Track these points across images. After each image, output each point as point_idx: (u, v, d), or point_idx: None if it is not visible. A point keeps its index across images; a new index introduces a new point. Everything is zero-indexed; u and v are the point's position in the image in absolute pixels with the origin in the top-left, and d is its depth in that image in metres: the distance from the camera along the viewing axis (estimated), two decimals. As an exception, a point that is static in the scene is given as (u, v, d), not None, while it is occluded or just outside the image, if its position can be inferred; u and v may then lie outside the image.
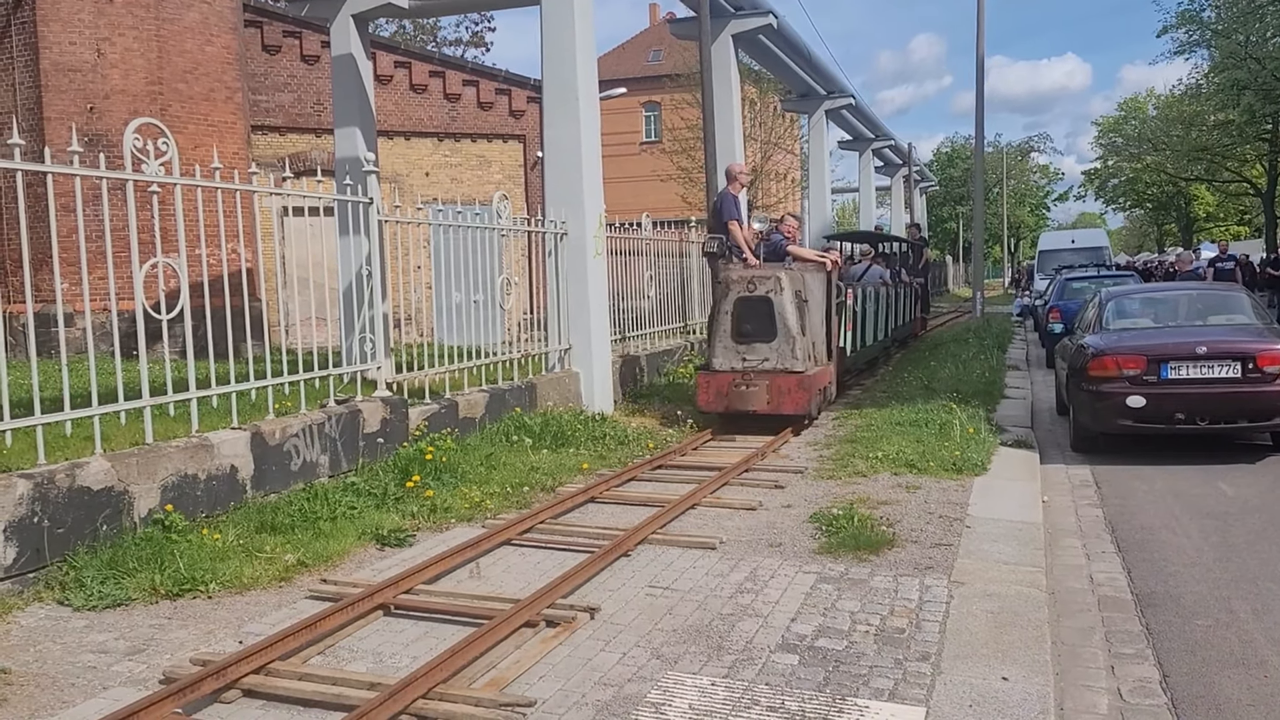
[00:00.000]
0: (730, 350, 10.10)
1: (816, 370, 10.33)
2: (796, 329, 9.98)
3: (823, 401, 10.80)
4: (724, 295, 10.22)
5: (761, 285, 10.09)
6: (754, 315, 10.03)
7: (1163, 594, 5.48)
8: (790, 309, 9.98)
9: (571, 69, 11.74)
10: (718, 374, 10.11)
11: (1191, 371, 8.75)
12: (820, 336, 10.73)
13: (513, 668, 4.22)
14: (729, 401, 9.95)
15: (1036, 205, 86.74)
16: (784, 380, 9.88)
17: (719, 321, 10.19)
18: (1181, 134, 44.95)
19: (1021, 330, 25.78)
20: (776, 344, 9.95)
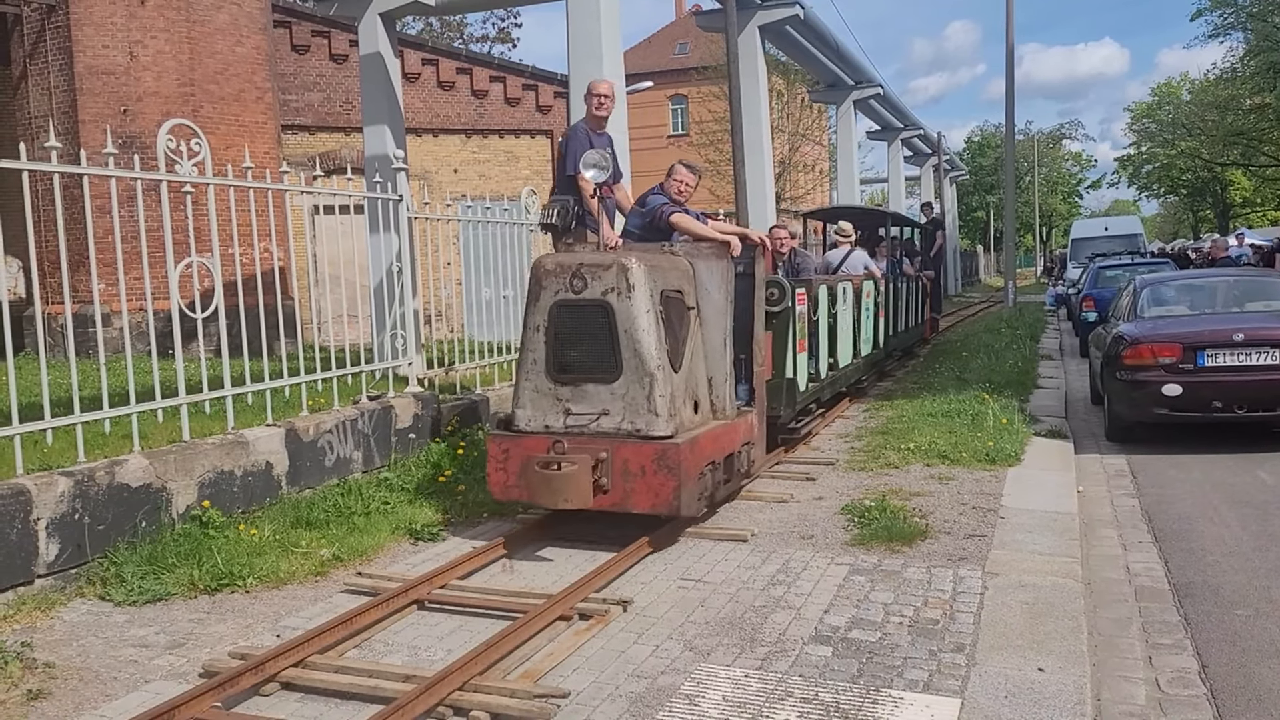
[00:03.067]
0: (544, 396, 5.96)
1: (705, 431, 6.00)
2: (657, 360, 5.70)
3: (725, 481, 6.31)
4: (534, 299, 5.96)
5: (595, 281, 5.78)
6: (582, 334, 5.86)
7: (1201, 584, 5.42)
8: (646, 324, 5.72)
9: (598, 63, 11.75)
10: (521, 437, 5.94)
11: (1229, 359, 8.63)
12: (722, 368, 6.50)
13: (546, 660, 4.25)
14: (531, 489, 5.72)
15: (1069, 193, 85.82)
16: (632, 452, 5.64)
17: (526, 345, 6.03)
18: (1217, 118, 44.34)
19: (1054, 319, 25.53)
20: (622, 386, 5.75)
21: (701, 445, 5.89)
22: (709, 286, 6.49)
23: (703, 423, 6.20)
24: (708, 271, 6.50)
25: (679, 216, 6.94)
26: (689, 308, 6.23)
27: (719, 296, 6.50)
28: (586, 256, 5.99)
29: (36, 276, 5.69)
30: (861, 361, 11.38)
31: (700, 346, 6.35)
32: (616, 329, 5.74)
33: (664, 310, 5.87)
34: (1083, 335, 16.64)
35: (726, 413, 6.49)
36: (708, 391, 6.40)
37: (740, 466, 6.60)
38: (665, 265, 6.14)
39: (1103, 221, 35.47)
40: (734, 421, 6.50)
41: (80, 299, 13.01)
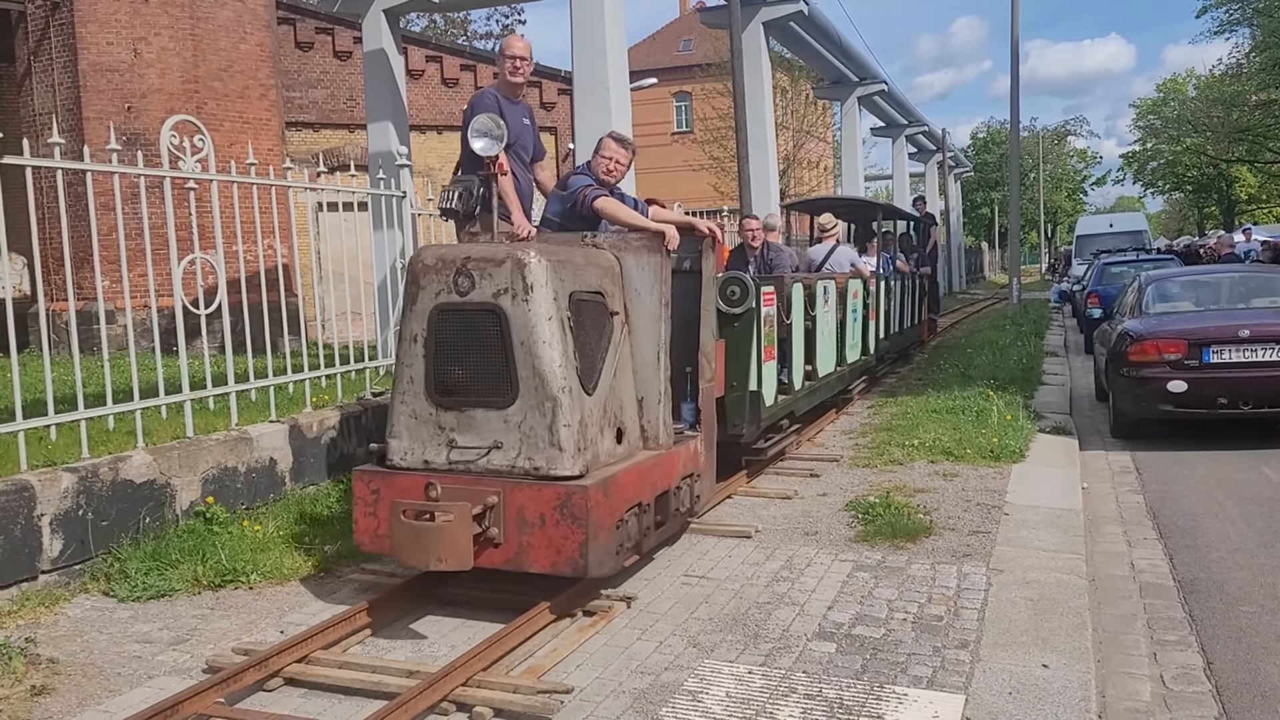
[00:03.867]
0: (423, 423, 4.85)
1: (629, 466, 4.92)
2: (563, 379, 4.61)
3: (659, 524, 5.22)
4: (411, 302, 4.89)
5: (484, 280, 4.70)
6: (469, 347, 4.77)
7: (1206, 580, 5.41)
8: (549, 334, 4.61)
9: (602, 60, 11.75)
10: (394, 475, 4.84)
11: (1234, 355, 8.61)
12: (655, 386, 5.31)
13: (550, 656, 4.25)
14: (397, 543, 4.52)
15: (1073, 190, 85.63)
16: (529, 496, 4.55)
17: (402, 359, 4.92)
18: (1222, 115, 44.21)
19: (1059, 316, 25.50)
20: (518, 412, 4.66)
21: (621, 485, 4.73)
22: (640, 287, 5.28)
23: (628, 455, 5.04)
24: (638, 268, 5.28)
25: (605, 201, 5.64)
26: (612, 313, 5.03)
27: (652, 299, 5.26)
28: (474, 249, 4.82)
29: (40, 273, 5.70)
30: (847, 369, 10.20)
31: (627, 360, 5.16)
32: (510, 340, 4.60)
33: (574, 316, 4.72)
34: (1087, 332, 16.61)
35: (661, 440, 5.27)
36: (636, 415, 5.20)
37: (680, 504, 5.41)
38: (579, 260, 4.97)
39: (1108, 218, 35.38)
40: (671, 451, 5.31)
41: (84, 296, 13.02)
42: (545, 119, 25.01)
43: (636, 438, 5.22)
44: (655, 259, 5.33)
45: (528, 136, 6.29)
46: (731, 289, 6.89)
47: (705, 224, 5.87)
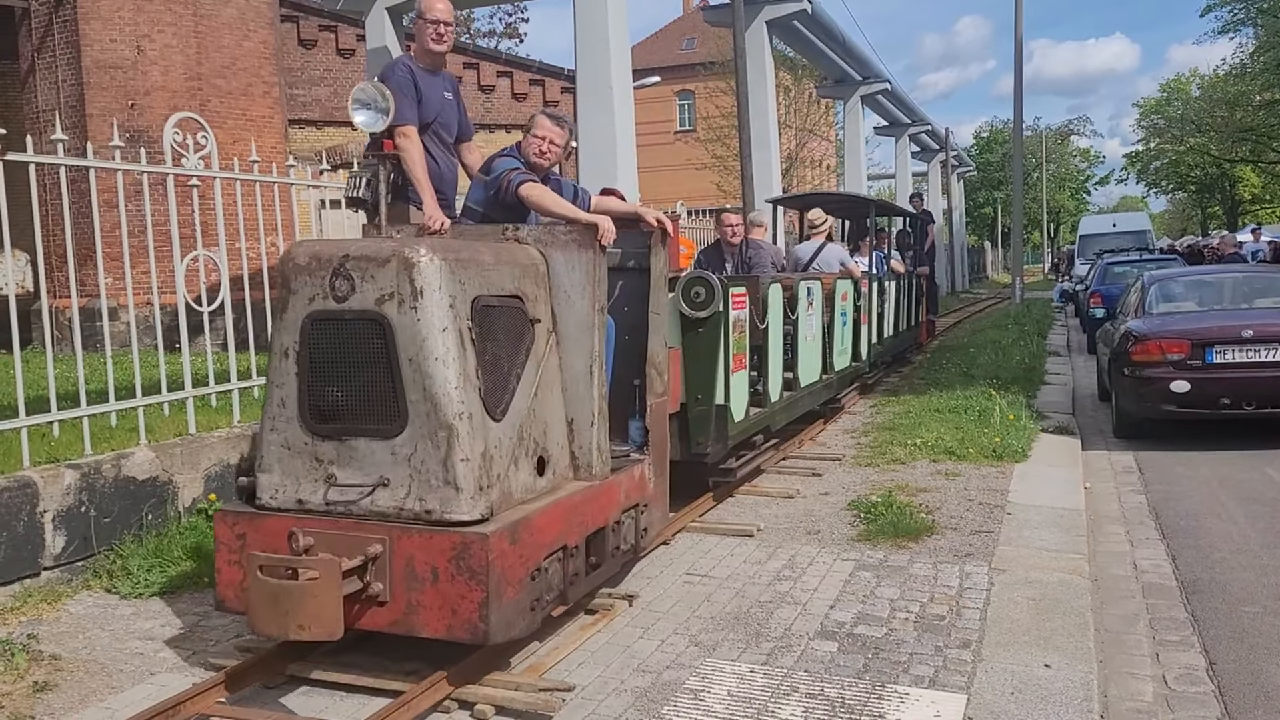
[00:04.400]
0: (298, 455, 4.10)
1: (549, 504, 4.19)
2: (460, 403, 3.86)
3: (593, 567, 4.55)
4: (281, 308, 4.15)
5: (365, 283, 3.97)
6: (348, 364, 4.03)
7: (1208, 581, 5.40)
8: (443, 348, 3.87)
9: (605, 59, 11.75)
10: (261, 517, 4.08)
11: (1237, 355, 8.60)
12: (588, 405, 4.54)
13: (551, 654, 4.25)
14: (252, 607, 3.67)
15: (1077, 189, 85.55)
16: (419, 545, 3.82)
17: (272, 378, 4.18)
18: (1226, 114, 44.15)
19: (1062, 316, 25.48)
20: (407, 443, 3.92)
21: (538, 528, 4.00)
22: (569, 289, 4.48)
23: (552, 489, 4.29)
24: (568, 267, 4.49)
25: (531, 188, 4.83)
26: (532, 320, 4.29)
27: (583, 303, 4.46)
28: (355, 245, 4.04)
29: (43, 270, 5.70)
30: (834, 377, 9.40)
31: (554, 376, 4.40)
32: (397, 356, 3.83)
33: (479, 326, 3.96)
34: (1090, 332, 16.60)
35: (595, 469, 4.49)
36: (566, 440, 4.44)
37: (621, 542, 4.69)
38: (487, 259, 4.15)
39: (1111, 218, 35.37)
40: (609, 480, 4.55)
41: (86, 293, 13.03)
42: (548, 117, 24.96)
43: (565, 467, 4.43)
44: (587, 256, 4.50)
45: (451, 113, 5.44)
46: (696, 290, 6.11)
47: (654, 214, 5.08)
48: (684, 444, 6.10)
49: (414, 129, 5.07)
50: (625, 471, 4.79)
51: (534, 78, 24.80)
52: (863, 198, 15.24)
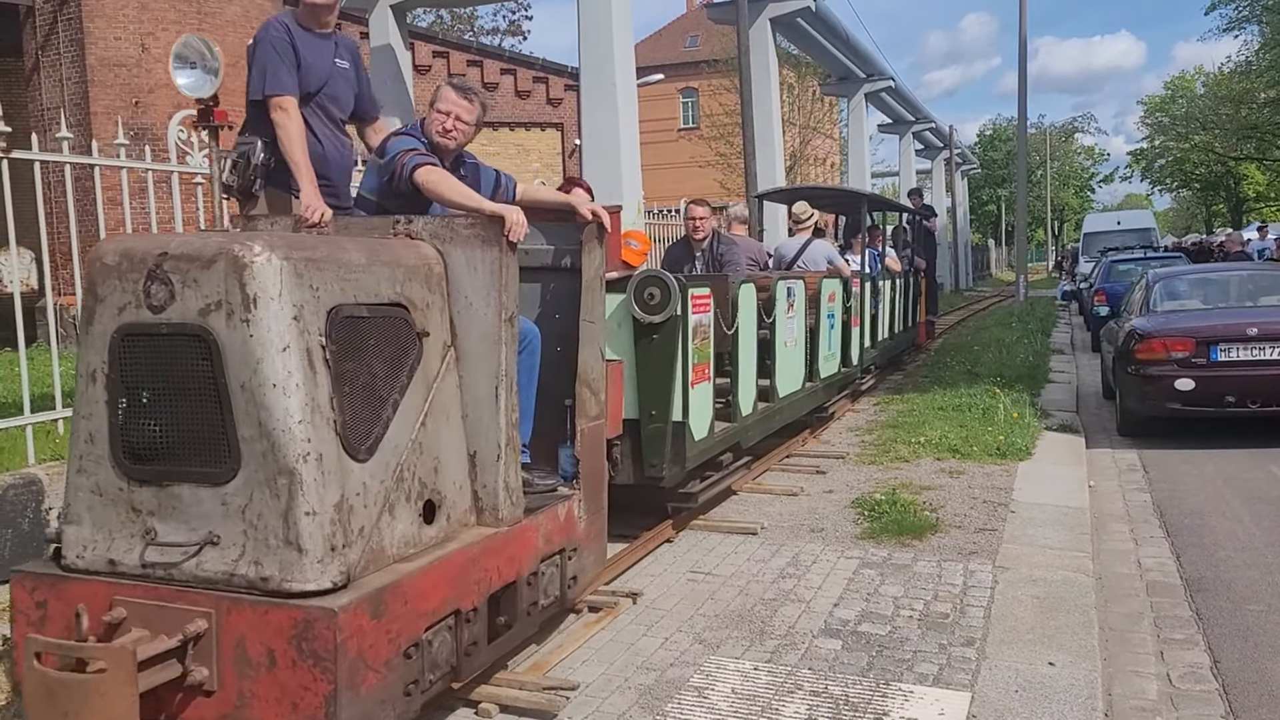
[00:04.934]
0: (110, 503, 3.21)
1: (433, 562, 3.34)
2: (305, 441, 2.99)
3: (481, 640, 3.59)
4: (87, 320, 3.25)
5: (186, 289, 3.08)
6: (167, 390, 3.15)
7: (1213, 579, 5.39)
8: (283, 372, 3.00)
9: (609, 56, 11.74)
10: (66, 581, 3.21)
11: (1242, 354, 8.59)
12: (493, 434, 3.75)
13: (555, 652, 4.25)
14: (29, 701, 2.86)
15: (1081, 187, 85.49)
16: (252, 621, 2.97)
17: (79, 408, 3.28)
18: (1231, 112, 44.05)
19: (1066, 314, 25.45)
20: (240, 491, 3.05)
21: (413, 595, 3.19)
22: (471, 294, 3.71)
23: (443, 539, 3.49)
24: (469, 268, 3.72)
25: (427, 172, 4.05)
26: (419, 333, 3.50)
27: (488, 312, 3.69)
28: (175, 242, 3.21)
29: (48, 268, 5.70)
30: (820, 385, 8.67)
31: (451, 400, 3.63)
32: (226, 381, 3.03)
33: (337, 342, 3.14)
34: (1094, 330, 16.58)
35: (502, 512, 3.70)
36: (467, 478, 3.67)
37: (540, 596, 3.96)
38: (357, 258, 3.33)
39: (1115, 216, 35.29)
40: (522, 525, 3.79)
41: (92, 291, 13.03)
42: (552, 115, 25.04)
43: (465, 511, 3.65)
44: (492, 254, 3.69)
45: (344, 85, 4.66)
46: (649, 291, 5.37)
47: (589, 205, 4.34)
48: (637, 466, 5.47)
49: (292, 100, 4.32)
50: (547, 511, 4.03)
51: (537, 75, 24.83)
52: (856, 192, 14.48)
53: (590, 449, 4.37)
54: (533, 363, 4.21)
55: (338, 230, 3.99)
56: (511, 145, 24.55)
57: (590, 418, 4.34)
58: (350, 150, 4.78)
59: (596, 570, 4.62)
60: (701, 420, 5.87)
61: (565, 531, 4.17)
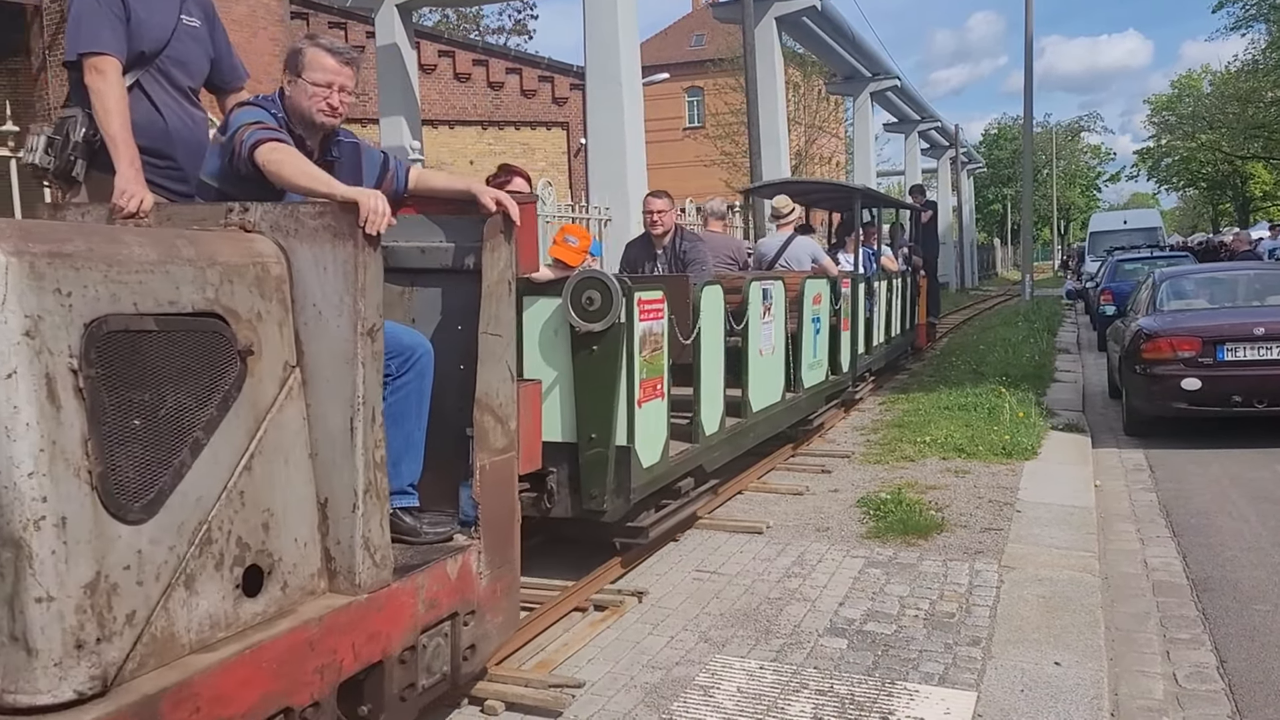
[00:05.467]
0: None
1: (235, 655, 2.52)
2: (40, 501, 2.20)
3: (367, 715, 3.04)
4: None
5: None
6: None
7: (1219, 579, 5.39)
8: (11, 408, 2.19)
9: (614, 55, 11.74)
10: None
11: (1249, 353, 8.57)
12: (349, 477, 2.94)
13: (561, 651, 4.26)
14: None
15: (1087, 186, 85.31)
16: None
17: None
18: (1238, 111, 43.96)
19: (1072, 313, 25.40)
20: None
21: (208, 697, 2.46)
22: (321, 301, 2.96)
23: (272, 616, 2.75)
24: (316, 268, 2.97)
25: (270, 150, 3.22)
26: (243, 351, 2.75)
27: (341, 324, 2.95)
28: None
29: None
30: (804, 396, 8.00)
31: (289, 436, 2.87)
32: None
33: (100, 366, 2.39)
34: (1100, 329, 16.56)
35: (361, 575, 2.94)
36: (314, 534, 2.91)
37: (419, 677, 3.22)
38: (143, 254, 2.57)
39: (1121, 215, 35.23)
40: (391, 590, 3.04)
41: (99, 289, 13.07)
42: (558, 114, 25.04)
43: (310, 576, 2.88)
44: (345, 251, 2.93)
45: (191, 45, 3.88)
46: (588, 295, 4.70)
47: (492, 193, 3.58)
48: (575, 497, 4.85)
49: (112, 62, 3.57)
50: (431, 569, 3.24)
51: (543, 74, 24.84)
52: (848, 186, 13.43)
53: (495, 488, 3.54)
54: (422, 385, 3.48)
55: (159, 221, 3.24)
56: (517, 144, 24.57)
57: (495, 450, 3.51)
58: (204, 125, 3.96)
59: (506, 634, 3.78)
60: (652, 444, 5.16)
61: (458, 592, 3.37)
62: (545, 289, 4.77)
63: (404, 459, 3.47)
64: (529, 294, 4.77)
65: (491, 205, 3.55)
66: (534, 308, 4.83)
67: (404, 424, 3.44)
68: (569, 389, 4.81)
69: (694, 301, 5.76)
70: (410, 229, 3.73)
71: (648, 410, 5.07)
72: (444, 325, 3.77)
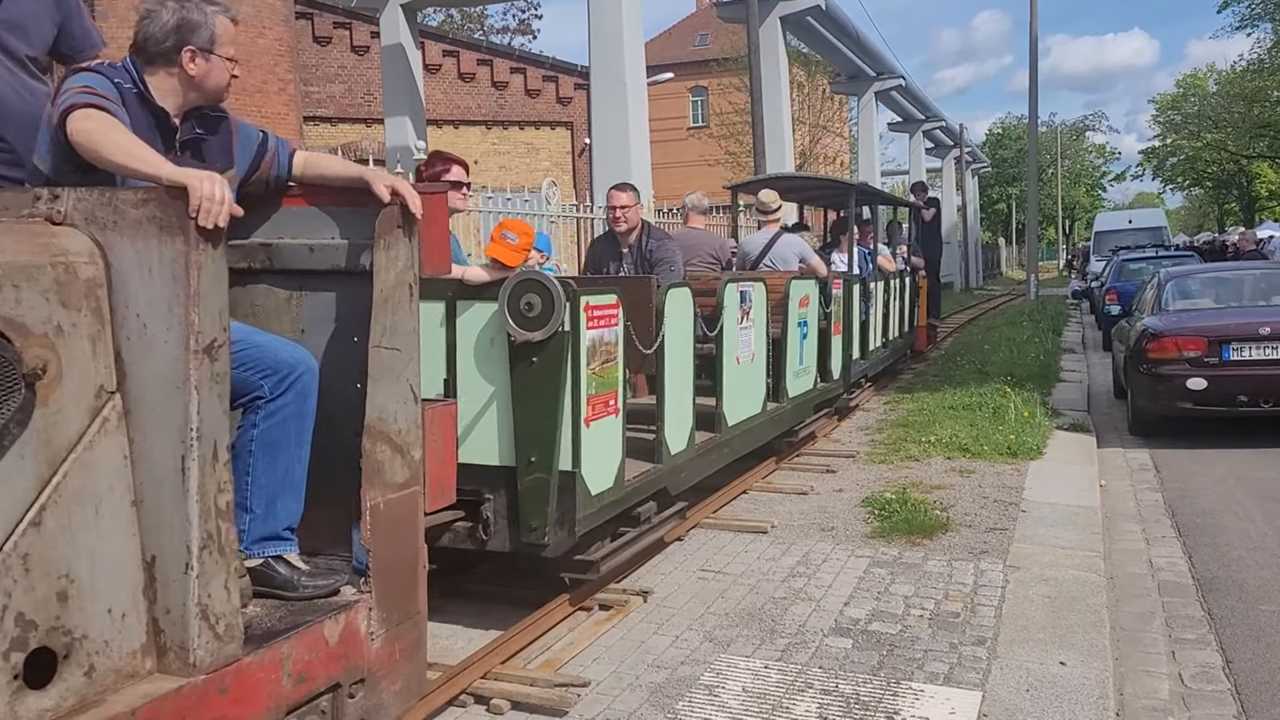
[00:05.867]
0: None
1: None
2: None
3: None
4: None
5: None
6: None
7: (1225, 579, 5.38)
8: None
9: (619, 55, 11.75)
10: None
11: (1255, 353, 8.56)
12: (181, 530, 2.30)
13: (566, 649, 4.26)
14: None
15: (1092, 186, 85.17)
16: None
17: None
18: (1243, 110, 43.86)
19: (1076, 313, 25.37)
20: None
21: None
22: (145, 310, 2.36)
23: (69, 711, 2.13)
24: (139, 269, 2.36)
25: (84, 116, 2.58)
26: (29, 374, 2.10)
27: (171, 338, 2.34)
28: None
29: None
30: (789, 406, 7.46)
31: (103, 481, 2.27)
32: None
33: None
34: (1105, 329, 16.54)
35: (196, 653, 2.32)
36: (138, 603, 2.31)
37: None
38: None
39: (1126, 214, 35.18)
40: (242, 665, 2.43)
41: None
42: (562, 114, 25.05)
43: (131, 654, 2.30)
44: (173, 249, 2.34)
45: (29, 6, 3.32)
46: (527, 300, 4.16)
47: (387, 179, 2.99)
48: (513, 529, 4.30)
49: None
50: (302, 634, 2.64)
51: (547, 74, 24.85)
52: (843, 182, 12.69)
53: (391, 530, 2.92)
54: (303, 409, 2.93)
55: None
56: (521, 144, 24.60)
57: (391, 485, 2.90)
58: (44, 100, 3.17)
59: (408, 702, 3.13)
60: (602, 467, 4.59)
61: (340, 659, 2.75)
62: (481, 292, 4.32)
63: (280, 497, 2.90)
64: (463, 298, 4.36)
65: (385, 193, 2.92)
66: (468, 314, 4.36)
67: (280, 455, 2.89)
68: (507, 406, 4.31)
69: (658, 306, 5.21)
70: (298, 223, 3.13)
71: (598, 430, 4.52)
72: (338, 336, 3.14)
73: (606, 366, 4.60)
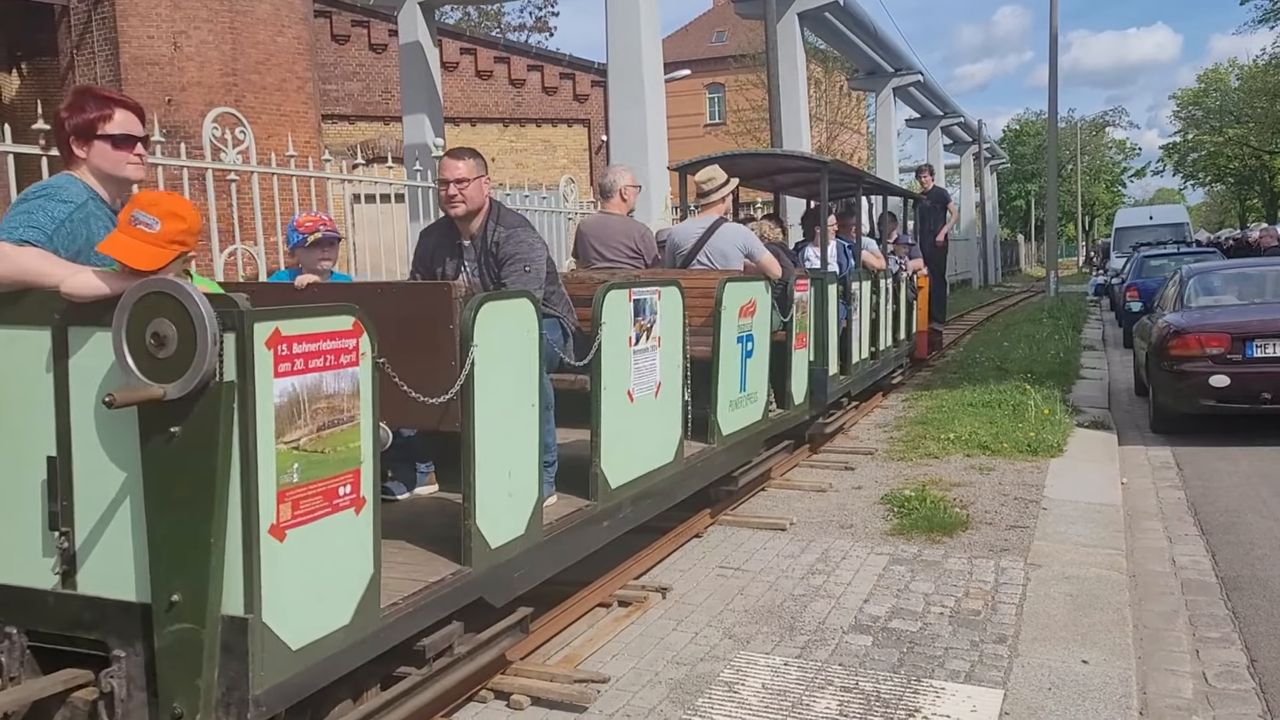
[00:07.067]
0: None
1: None
2: None
3: None
4: None
5: None
6: None
7: (1249, 577, 5.33)
8: None
9: (636, 52, 11.73)
10: None
11: (1278, 349, 8.48)
12: None
13: (586, 645, 4.27)
14: None
15: (1112, 181, 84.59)
16: None
17: None
18: (1266, 105, 43.51)
19: (1097, 309, 25.21)
20: None
21: None
22: None
23: None
24: None
25: None
26: None
27: None
28: None
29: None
30: (717, 448, 5.72)
31: None
32: None
33: None
34: (1126, 325, 16.42)
35: None
36: None
37: None
38: None
39: (1147, 210, 34.87)
40: None
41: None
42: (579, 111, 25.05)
43: None
44: None
45: None
46: (155, 330, 2.59)
47: None
48: (153, 709, 2.71)
49: None
50: None
51: (564, 71, 24.87)
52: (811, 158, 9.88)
53: None
54: None
55: None
56: (538, 141, 24.62)
57: None
58: None
59: None
60: (316, 603, 2.85)
61: None
62: (103, 316, 2.70)
63: None
64: (79, 324, 2.77)
65: None
66: (86, 349, 2.78)
67: None
68: (139, 504, 2.72)
69: (462, 328, 3.46)
70: None
71: (304, 542, 2.78)
72: None
73: (333, 434, 2.87)
